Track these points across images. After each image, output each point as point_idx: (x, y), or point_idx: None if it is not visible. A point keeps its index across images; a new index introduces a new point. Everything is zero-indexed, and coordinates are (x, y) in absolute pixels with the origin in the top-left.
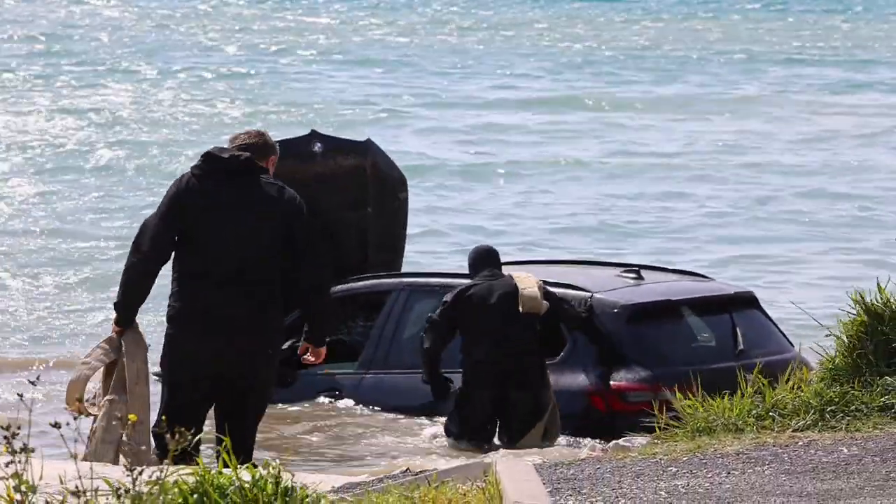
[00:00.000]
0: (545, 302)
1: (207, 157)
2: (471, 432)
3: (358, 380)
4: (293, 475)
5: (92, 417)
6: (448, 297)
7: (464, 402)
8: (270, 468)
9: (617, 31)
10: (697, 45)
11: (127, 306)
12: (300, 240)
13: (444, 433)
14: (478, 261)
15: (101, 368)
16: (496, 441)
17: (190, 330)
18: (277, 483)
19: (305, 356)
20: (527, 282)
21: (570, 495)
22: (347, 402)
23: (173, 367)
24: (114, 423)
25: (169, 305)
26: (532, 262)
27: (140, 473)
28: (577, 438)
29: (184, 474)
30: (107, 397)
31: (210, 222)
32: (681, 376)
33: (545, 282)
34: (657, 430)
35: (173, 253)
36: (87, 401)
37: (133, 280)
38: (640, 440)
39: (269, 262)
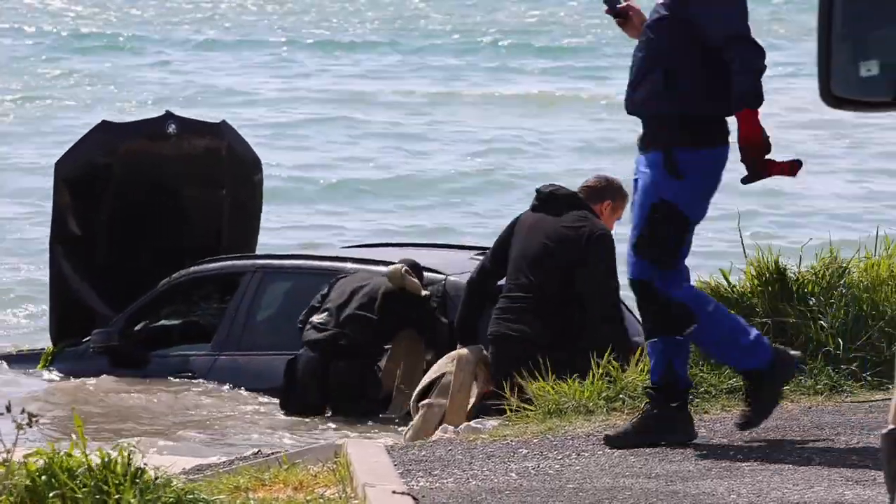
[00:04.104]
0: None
1: (536, 192)
2: None
3: (211, 361)
4: (144, 457)
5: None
6: None
7: None
8: (121, 450)
9: None
10: None
11: (458, 324)
12: (585, 281)
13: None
14: None
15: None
16: None
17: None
18: (128, 465)
19: None
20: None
21: (421, 476)
22: (201, 384)
23: None
24: (426, 424)
25: None
26: (387, 244)
27: None
28: None
29: (31, 456)
30: (426, 401)
31: (515, 245)
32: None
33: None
34: (508, 412)
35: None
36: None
37: (465, 299)
38: (491, 422)
39: (542, 289)
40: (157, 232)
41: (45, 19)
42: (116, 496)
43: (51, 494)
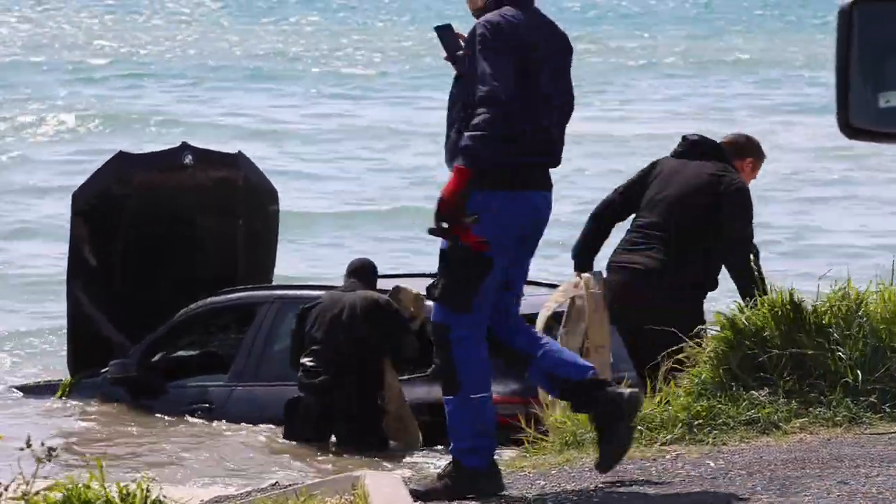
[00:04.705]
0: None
1: (682, 138)
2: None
3: (228, 392)
4: (161, 489)
5: None
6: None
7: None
8: (139, 483)
9: None
10: None
11: (578, 253)
12: (719, 228)
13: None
14: (347, 271)
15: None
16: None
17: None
18: (146, 497)
19: None
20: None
21: None
22: (219, 415)
23: None
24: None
25: None
26: (401, 275)
27: (5, 489)
28: (447, 451)
29: (47, 489)
30: (561, 331)
31: (654, 185)
32: None
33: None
34: (526, 443)
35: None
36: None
37: (586, 229)
38: (508, 453)
39: (675, 228)
40: (173, 262)
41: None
42: None
43: None
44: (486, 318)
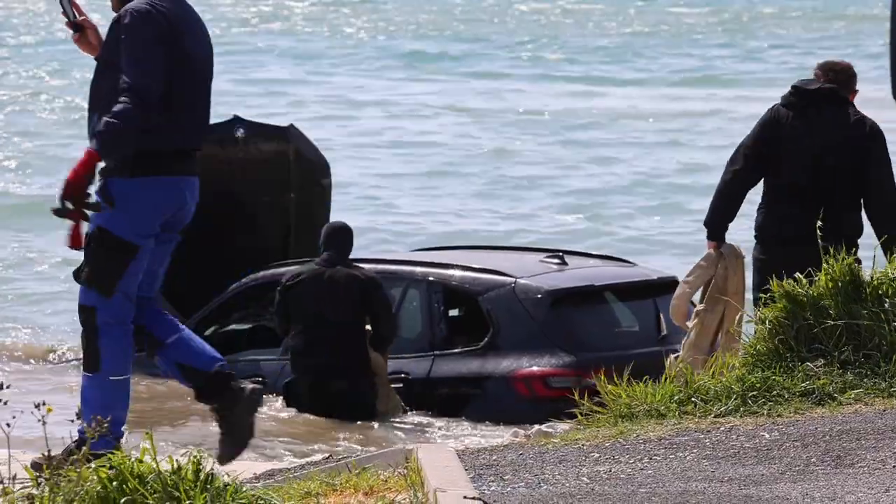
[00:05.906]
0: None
1: (795, 90)
2: None
3: (280, 366)
4: (215, 462)
5: None
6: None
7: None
8: (191, 456)
9: None
10: None
11: (713, 222)
12: (872, 163)
13: None
14: (322, 240)
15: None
16: None
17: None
18: (198, 471)
19: None
20: None
21: (493, 481)
22: (272, 389)
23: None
24: (706, 331)
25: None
26: (456, 247)
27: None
28: (500, 424)
29: (101, 464)
30: (697, 308)
31: (790, 146)
32: (604, 362)
33: (469, 267)
34: (580, 415)
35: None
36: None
37: (719, 197)
38: (562, 426)
39: (840, 180)
40: (224, 236)
41: None
42: (187, 502)
43: (122, 501)
44: (132, 303)
